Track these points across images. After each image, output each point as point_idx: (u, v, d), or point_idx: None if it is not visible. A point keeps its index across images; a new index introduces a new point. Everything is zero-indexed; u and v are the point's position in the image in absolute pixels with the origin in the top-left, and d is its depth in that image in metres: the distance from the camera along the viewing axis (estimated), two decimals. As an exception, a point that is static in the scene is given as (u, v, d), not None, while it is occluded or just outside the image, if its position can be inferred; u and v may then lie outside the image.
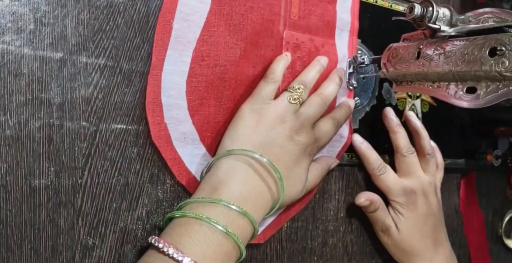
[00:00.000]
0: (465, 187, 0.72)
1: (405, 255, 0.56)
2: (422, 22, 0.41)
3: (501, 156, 0.70)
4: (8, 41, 0.35)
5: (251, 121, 0.44)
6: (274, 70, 0.46)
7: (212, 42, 0.44)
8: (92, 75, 0.38)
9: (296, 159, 0.45)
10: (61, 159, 0.37)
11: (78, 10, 0.37)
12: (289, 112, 0.45)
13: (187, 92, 0.43)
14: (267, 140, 0.43)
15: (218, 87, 0.45)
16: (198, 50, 0.43)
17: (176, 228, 0.38)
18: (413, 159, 0.56)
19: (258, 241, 0.48)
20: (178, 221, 0.39)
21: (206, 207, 0.39)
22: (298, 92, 0.46)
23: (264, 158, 0.42)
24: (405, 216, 0.55)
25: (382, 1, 0.58)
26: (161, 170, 0.42)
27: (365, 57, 0.53)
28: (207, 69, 0.44)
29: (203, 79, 0.44)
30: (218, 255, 0.38)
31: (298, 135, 0.45)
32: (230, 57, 0.45)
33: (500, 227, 0.79)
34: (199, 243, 0.37)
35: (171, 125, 0.42)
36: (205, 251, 0.37)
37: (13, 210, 0.36)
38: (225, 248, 0.38)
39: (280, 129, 0.44)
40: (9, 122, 0.35)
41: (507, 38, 0.37)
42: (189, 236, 0.37)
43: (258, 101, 0.45)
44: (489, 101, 0.38)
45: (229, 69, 0.45)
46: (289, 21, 0.48)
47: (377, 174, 0.54)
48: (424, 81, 0.44)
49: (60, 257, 0.38)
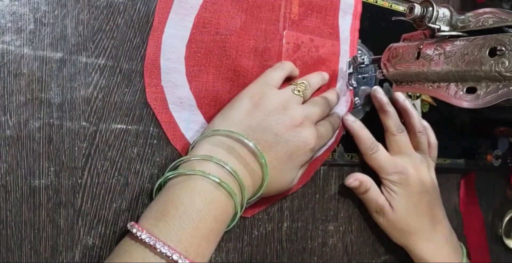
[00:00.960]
0: (465, 187, 0.72)
1: (402, 235, 0.55)
2: (422, 22, 0.41)
3: (501, 156, 0.70)
4: (8, 41, 0.35)
5: (249, 105, 0.42)
6: (283, 62, 0.46)
7: (215, 9, 0.43)
8: (92, 75, 0.38)
9: (291, 151, 0.42)
10: (61, 159, 0.37)
11: (78, 10, 0.37)
12: (293, 102, 0.43)
13: (186, 57, 0.43)
14: (261, 125, 0.41)
15: (218, 55, 0.44)
16: (200, 16, 0.43)
17: (170, 188, 0.38)
18: (403, 138, 0.55)
19: (245, 215, 0.47)
20: (172, 182, 0.39)
21: (200, 163, 0.39)
22: (302, 86, 0.45)
23: (250, 141, 0.40)
24: (399, 194, 0.54)
25: (382, 1, 0.58)
26: (161, 170, 0.42)
27: (365, 57, 0.53)
28: (208, 36, 0.43)
29: (203, 46, 0.43)
30: (213, 204, 0.37)
31: (301, 126, 0.43)
32: (231, 26, 0.44)
33: (500, 227, 0.79)
34: (196, 196, 0.37)
35: (168, 88, 0.42)
36: (199, 203, 0.37)
37: (13, 210, 0.36)
38: (218, 198, 0.38)
39: (279, 116, 0.42)
40: (9, 122, 0.35)
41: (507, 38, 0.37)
42: (187, 189, 0.37)
43: (261, 85, 0.43)
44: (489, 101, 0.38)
45: (229, 39, 0.45)
46: (289, 21, 0.48)
47: (369, 153, 0.54)
48: (424, 81, 0.44)
49: (60, 257, 0.38)
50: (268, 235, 0.50)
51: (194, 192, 0.37)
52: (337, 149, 0.54)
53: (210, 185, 0.38)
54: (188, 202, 0.37)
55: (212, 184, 0.38)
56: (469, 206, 0.73)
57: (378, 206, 0.55)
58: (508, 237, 0.80)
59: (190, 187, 0.38)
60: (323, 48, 0.51)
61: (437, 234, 0.56)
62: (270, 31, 0.47)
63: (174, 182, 0.39)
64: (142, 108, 0.41)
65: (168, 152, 0.43)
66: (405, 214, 0.54)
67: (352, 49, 0.54)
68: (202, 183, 0.38)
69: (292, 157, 0.43)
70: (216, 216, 0.38)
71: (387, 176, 0.54)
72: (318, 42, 0.51)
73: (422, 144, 0.56)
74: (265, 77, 0.44)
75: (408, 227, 0.55)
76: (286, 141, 0.42)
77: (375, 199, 0.54)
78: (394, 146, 0.55)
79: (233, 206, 0.39)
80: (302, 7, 0.49)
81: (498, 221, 0.79)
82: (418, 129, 0.56)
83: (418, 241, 0.55)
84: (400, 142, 0.55)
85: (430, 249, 0.55)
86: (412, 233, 0.55)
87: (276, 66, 0.46)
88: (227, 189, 0.38)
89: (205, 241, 0.37)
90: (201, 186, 0.38)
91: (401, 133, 0.55)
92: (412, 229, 0.55)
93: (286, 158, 0.42)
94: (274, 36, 0.47)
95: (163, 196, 0.38)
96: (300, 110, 0.43)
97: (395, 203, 0.54)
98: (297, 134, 0.43)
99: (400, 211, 0.54)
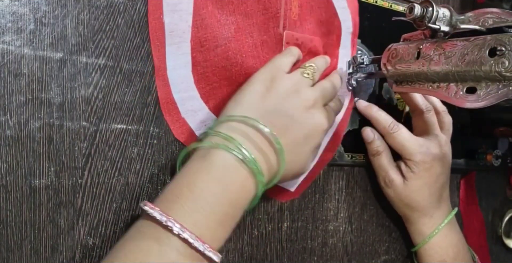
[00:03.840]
0: (465, 187, 0.72)
1: (408, 209, 0.55)
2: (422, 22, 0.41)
3: (501, 156, 0.70)
4: (8, 41, 0.35)
5: (261, 89, 0.41)
6: (290, 48, 0.46)
7: (206, 25, 0.43)
8: (92, 75, 0.38)
9: (306, 133, 0.42)
10: (61, 159, 0.37)
11: (78, 10, 0.38)
12: (303, 85, 0.43)
13: (195, 81, 0.43)
14: (276, 108, 0.41)
15: (225, 66, 0.44)
16: (195, 37, 0.42)
17: (187, 170, 0.38)
18: (432, 117, 0.54)
19: (293, 196, 0.48)
20: (194, 155, 0.38)
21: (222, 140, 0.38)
22: (311, 69, 0.45)
23: (266, 127, 0.39)
24: (417, 174, 0.53)
25: (382, 1, 0.58)
26: (161, 170, 0.42)
27: (365, 57, 0.53)
28: (209, 53, 0.43)
29: (208, 64, 0.43)
30: (229, 188, 0.37)
31: (314, 108, 0.43)
32: (227, 34, 0.44)
33: (500, 227, 0.79)
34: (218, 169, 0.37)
35: (189, 117, 0.42)
36: (214, 186, 0.36)
37: (13, 210, 0.36)
38: (236, 179, 0.37)
39: (292, 99, 0.42)
40: (9, 122, 0.35)
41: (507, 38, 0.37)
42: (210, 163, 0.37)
43: (272, 69, 0.43)
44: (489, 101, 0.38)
45: (230, 46, 0.44)
46: (289, 21, 0.48)
47: (390, 132, 0.52)
48: (424, 81, 0.44)
49: (60, 257, 0.38)
50: (268, 235, 0.50)
51: (211, 174, 0.37)
52: (337, 149, 0.54)
53: (233, 160, 0.37)
54: (203, 185, 0.36)
55: (235, 160, 0.37)
56: (469, 206, 0.73)
57: (388, 177, 0.54)
58: (508, 237, 0.80)
59: (207, 166, 0.37)
60: (323, 48, 0.51)
61: (440, 211, 0.56)
62: (261, 23, 0.46)
63: (196, 156, 0.38)
64: (142, 108, 0.41)
65: (168, 152, 0.43)
66: (417, 192, 0.53)
67: (352, 49, 0.54)
68: (224, 158, 0.37)
69: (308, 139, 0.42)
70: (231, 200, 0.37)
71: (410, 156, 0.52)
72: (318, 42, 0.51)
73: (446, 123, 0.56)
74: (275, 62, 0.44)
75: (416, 203, 0.54)
76: (301, 123, 0.42)
77: (385, 168, 0.54)
78: (422, 125, 0.54)
79: (251, 188, 0.38)
80: (302, 7, 0.49)
81: (498, 221, 0.79)
82: (440, 108, 0.55)
83: (421, 216, 0.55)
84: (429, 121, 0.54)
85: (431, 224, 0.55)
86: (418, 210, 0.55)
87: (285, 52, 0.46)
88: (250, 166, 0.37)
89: (221, 225, 0.36)
90: (220, 164, 0.37)
91: (430, 111, 0.54)
92: (419, 206, 0.54)
93: (302, 141, 0.42)
94: (266, 27, 0.46)
95: (179, 179, 0.37)
96: (311, 92, 0.43)
97: (411, 181, 0.53)
98: (310, 115, 0.42)
99: (413, 188, 0.53)
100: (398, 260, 0.62)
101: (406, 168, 0.53)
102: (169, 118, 0.42)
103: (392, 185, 0.54)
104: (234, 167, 0.37)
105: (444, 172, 0.55)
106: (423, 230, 0.56)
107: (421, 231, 0.56)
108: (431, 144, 0.53)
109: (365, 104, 0.54)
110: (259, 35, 0.46)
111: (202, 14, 0.43)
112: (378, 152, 0.53)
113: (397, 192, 0.54)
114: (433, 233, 0.55)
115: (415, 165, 0.53)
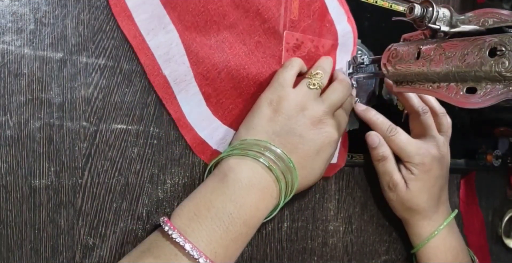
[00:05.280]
0: (465, 187, 0.72)
1: (408, 212, 0.55)
2: (422, 22, 0.41)
3: (501, 156, 0.70)
4: (8, 41, 0.35)
5: (268, 111, 0.43)
6: (291, 60, 0.46)
7: (202, 57, 0.43)
8: (92, 75, 0.38)
9: (318, 149, 0.43)
10: (61, 159, 0.37)
11: (78, 10, 0.38)
12: (309, 99, 0.44)
13: (213, 112, 0.44)
14: (284, 129, 0.42)
15: (234, 86, 0.45)
16: (197, 74, 0.43)
17: (204, 188, 0.41)
18: (429, 119, 0.54)
19: (340, 166, 0.53)
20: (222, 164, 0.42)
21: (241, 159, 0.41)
22: (317, 77, 0.45)
23: (278, 148, 0.41)
24: (417, 176, 0.53)
25: (382, 1, 0.58)
26: (161, 170, 0.42)
27: (365, 57, 0.53)
28: (215, 82, 0.44)
29: (218, 92, 0.44)
30: (243, 208, 0.39)
31: (322, 123, 0.43)
32: (222, 55, 0.44)
33: (500, 227, 0.79)
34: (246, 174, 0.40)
35: (220, 147, 0.45)
36: (230, 206, 0.39)
37: (13, 210, 0.36)
38: (266, 181, 0.40)
39: (299, 118, 0.43)
40: (9, 122, 0.35)
41: (507, 39, 0.37)
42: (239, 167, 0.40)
43: (276, 89, 0.44)
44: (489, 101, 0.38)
45: (230, 66, 0.44)
46: (289, 21, 0.48)
47: (388, 135, 0.53)
48: (424, 81, 0.44)
49: (60, 257, 0.38)
50: (268, 235, 0.50)
51: (226, 194, 0.39)
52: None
53: (260, 168, 0.40)
54: (219, 205, 0.38)
55: (262, 167, 0.40)
56: (469, 206, 0.73)
57: (392, 181, 0.54)
58: (508, 237, 0.80)
59: (224, 186, 0.40)
60: (323, 48, 0.51)
61: (439, 214, 0.56)
62: (248, 26, 0.45)
63: (224, 166, 0.41)
64: (142, 108, 0.41)
65: (169, 152, 0.43)
66: (417, 195, 0.54)
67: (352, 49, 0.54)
68: (252, 166, 0.40)
69: (320, 153, 0.44)
70: (246, 220, 0.39)
71: (408, 158, 0.53)
72: (318, 43, 0.51)
73: (444, 125, 0.56)
74: (278, 79, 0.45)
75: (417, 207, 0.54)
76: (311, 140, 0.43)
77: (390, 173, 0.54)
78: (419, 127, 0.54)
79: (268, 204, 0.41)
80: (302, 8, 0.49)
81: (498, 221, 0.79)
82: (439, 110, 0.56)
83: (420, 219, 0.55)
84: (426, 123, 0.54)
85: (430, 227, 0.55)
86: (418, 213, 0.55)
87: (286, 65, 0.46)
88: (275, 173, 0.40)
89: (234, 244, 0.39)
90: (244, 176, 0.40)
91: (426, 113, 0.54)
92: (419, 209, 0.55)
93: (314, 155, 0.43)
94: (254, 28, 0.46)
95: (196, 196, 0.40)
96: (319, 107, 0.44)
97: (412, 184, 0.53)
98: (319, 131, 0.43)
99: (414, 192, 0.53)
100: (398, 260, 0.62)
101: (406, 171, 0.53)
102: (204, 157, 0.44)
103: (396, 189, 0.54)
104: (261, 175, 0.40)
105: (443, 175, 0.55)
106: (422, 233, 0.56)
107: (420, 233, 0.56)
108: (429, 146, 0.54)
109: (363, 107, 0.54)
110: (250, 40, 0.46)
111: (194, 49, 0.42)
112: (384, 157, 0.53)
113: (400, 196, 0.54)
114: (431, 235, 0.55)
115: (414, 167, 0.53)
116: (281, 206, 0.42)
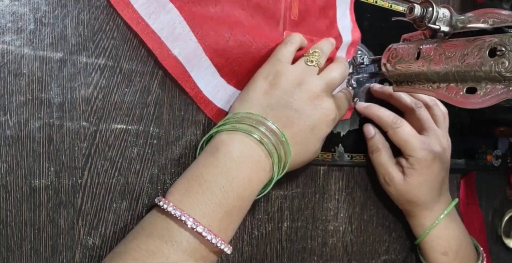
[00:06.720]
0: (465, 187, 0.72)
1: (409, 204, 0.55)
2: (422, 22, 0.41)
3: (501, 156, 0.70)
4: (8, 41, 0.35)
5: (264, 84, 0.43)
6: (291, 35, 0.46)
7: (207, 29, 0.42)
8: (92, 75, 0.38)
9: (313, 124, 0.43)
10: (61, 159, 0.37)
11: (78, 10, 0.37)
12: (307, 75, 0.43)
13: (228, 81, 0.44)
14: (280, 103, 0.42)
15: (245, 51, 0.44)
16: (207, 47, 0.42)
17: (196, 164, 0.40)
18: (424, 112, 0.54)
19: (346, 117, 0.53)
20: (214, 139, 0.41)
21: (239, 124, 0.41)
22: (315, 55, 0.45)
23: (269, 121, 0.41)
24: (418, 171, 0.53)
25: (382, 1, 0.58)
26: (161, 170, 0.42)
27: (365, 57, 0.53)
28: (226, 52, 0.43)
29: (231, 61, 0.44)
30: (235, 181, 0.39)
31: (319, 99, 0.43)
32: (225, 24, 0.43)
33: (500, 227, 0.79)
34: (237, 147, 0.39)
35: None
36: (222, 180, 0.38)
37: (13, 210, 0.36)
38: (258, 154, 0.40)
39: (296, 92, 0.42)
40: (9, 122, 0.35)
41: (507, 39, 0.37)
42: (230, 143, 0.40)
43: (274, 64, 0.44)
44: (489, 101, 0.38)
45: (236, 32, 0.43)
46: (289, 21, 0.48)
47: (393, 127, 0.52)
48: (424, 81, 0.44)
49: (60, 257, 0.38)
50: (268, 235, 0.50)
51: (218, 168, 0.39)
52: (337, 149, 0.54)
53: (252, 142, 0.40)
54: (211, 179, 0.38)
55: (253, 141, 0.40)
56: (469, 206, 0.73)
57: (388, 174, 0.54)
58: (508, 237, 0.80)
59: (216, 160, 0.39)
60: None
61: (440, 204, 0.56)
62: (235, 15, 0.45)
63: (216, 141, 0.41)
64: (142, 108, 0.41)
65: (168, 152, 0.43)
66: (418, 188, 0.54)
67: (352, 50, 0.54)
68: (243, 140, 0.40)
69: (315, 130, 0.43)
70: (239, 193, 0.39)
71: (411, 152, 0.52)
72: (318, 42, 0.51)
73: (439, 116, 0.56)
74: (276, 55, 0.44)
75: (417, 199, 0.54)
76: (306, 115, 0.42)
77: (385, 166, 0.54)
78: (416, 123, 0.54)
79: (266, 170, 0.40)
80: (302, 8, 0.49)
81: (498, 221, 0.79)
82: (430, 102, 0.55)
83: (422, 210, 0.55)
84: (422, 117, 0.54)
85: (431, 216, 0.56)
86: (419, 204, 0.55)
87: (286, 41, 0.45)
88: (266, 147, 0.40)
89: (228, 217, 0.38)
90: (235, 152, 0.39)
91: (420, 107, 0.54)
92: (420, 201, 0.55)
93: (308, 132, 0.43)
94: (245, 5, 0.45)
95: (188, 172, 0.40)
96: (316, 82, 0.43)
97: (412, 177, 0.53)
98: (316, 106, 0.43)
99: (414, 185, 0.53)
100: (398, 260, 0.62)
101: (407, 164, 0.53)
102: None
103: (393, 182, 0.54)
104: (252, 148, 0.40)
105: (444, 167, 0.55)
106: (424, 223, 0.56)
107: (422, 224, 0.56)
108: (432, 141, 0.53)
109: (364, 105, 0.54)
110: (248, 3, 0.45)
111: (197, 24, 0.42)
112: (378, 148, 0.53)
113: (398, 189, 0.54)
114: (433, 225, 0.55)
115: (417, 161, 0.52)
116: (275, 181, 0.41)
